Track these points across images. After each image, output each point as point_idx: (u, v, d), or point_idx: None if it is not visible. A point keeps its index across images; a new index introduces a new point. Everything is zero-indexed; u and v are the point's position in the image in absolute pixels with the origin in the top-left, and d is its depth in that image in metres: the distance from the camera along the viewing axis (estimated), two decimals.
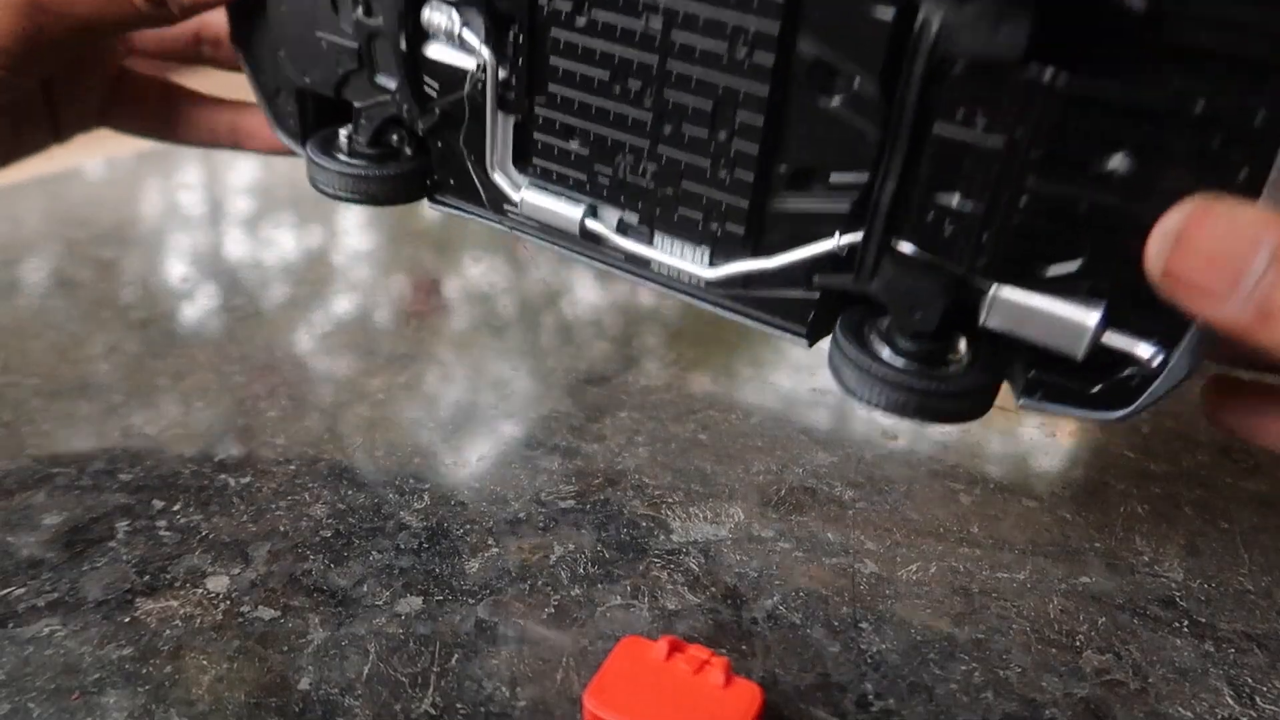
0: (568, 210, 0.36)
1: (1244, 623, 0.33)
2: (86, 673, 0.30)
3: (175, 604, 0.33)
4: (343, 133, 0.41)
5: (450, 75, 0.37)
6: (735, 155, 0.32)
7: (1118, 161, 0.26)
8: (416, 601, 0.33)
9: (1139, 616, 0.33)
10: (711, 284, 0.34)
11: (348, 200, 0.41)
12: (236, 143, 0.48)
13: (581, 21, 0.33)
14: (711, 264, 0.34)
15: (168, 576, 0.34)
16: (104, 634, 0.32)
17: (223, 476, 0.41)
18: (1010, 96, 0.26)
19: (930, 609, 0.33)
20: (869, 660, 0.31)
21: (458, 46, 0.36)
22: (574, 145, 0.35)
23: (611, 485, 0.40)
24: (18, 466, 0.41)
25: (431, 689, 0.30)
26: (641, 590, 0.34)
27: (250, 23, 0.42)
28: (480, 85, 0.36)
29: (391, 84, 0.38)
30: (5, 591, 0.33)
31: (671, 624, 0.32)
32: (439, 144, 0.39)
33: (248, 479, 0.40)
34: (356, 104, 0.40)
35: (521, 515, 0.38)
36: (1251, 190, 0.25)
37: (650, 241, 0.36)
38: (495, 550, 0.36)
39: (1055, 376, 0.31)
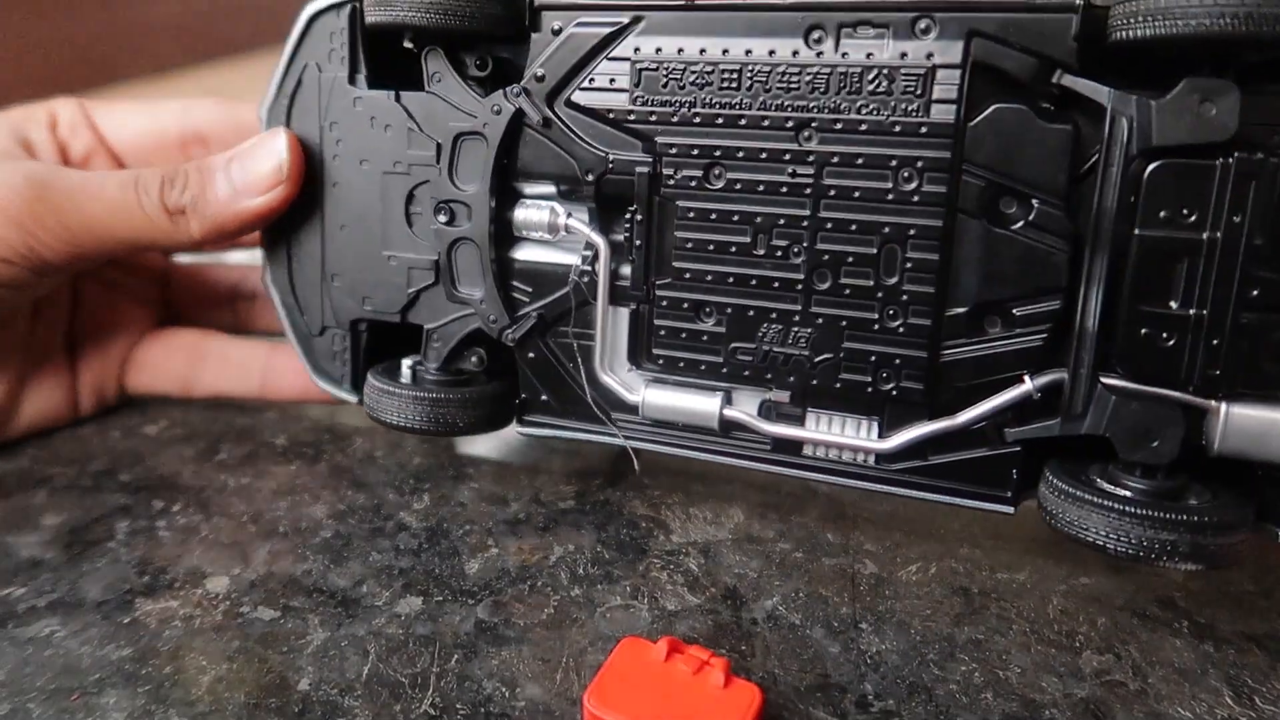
0: (700, 403, 0.33)
1: (1244, 623, 0.33)
2: (86, 673, 0.30)
3: (175, 604, 0.33)
4: (406, 363, 0.38)
5: (545, 276, 0.35)
6: (908, 299, 0.29)
7: None
8: (416, 602, 0.33)
9: (1139, 616, 0.33)
10: (884, 457, 0.31)
11: (421, 432, 0.37)
12: (264, 391, 0.45)
13: (716, 185, 0.31)
14: (883, 435, 0.31)
15: (168, 577, 0.34)
16: (104, 634, 0.32)
17: (222, 477, 0.41)
18: (1223, 182, 0.25)
19: (930, 609, 0.33)
20: (869, 660, 0.31)
21: (556, 241, 0.34)
22: (707, 324, 0.32)
23: (611, 485, 0.40)
24: (17, 467, 0.41)
25: (431, 689, 0.30)
26: (641, 591, 0.34)
27: (291, 254, 0.39)
28: (586, 279, 0.34)
29: (476, 293, 0.36)
30: (5, 591, 0.33)
31: (671, 625, 0.32)
32: (530, 356, 0.36)
33: (248, 479, 0.40)
34: (428, 326, 0.37)
35: (521, 516, 0.38)
36: None
37: (803, 422, 0.32)
38: (495, 551, 0.36)
39: None
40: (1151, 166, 0.25)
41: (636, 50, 0.31)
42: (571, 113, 0.33)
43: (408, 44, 0.35)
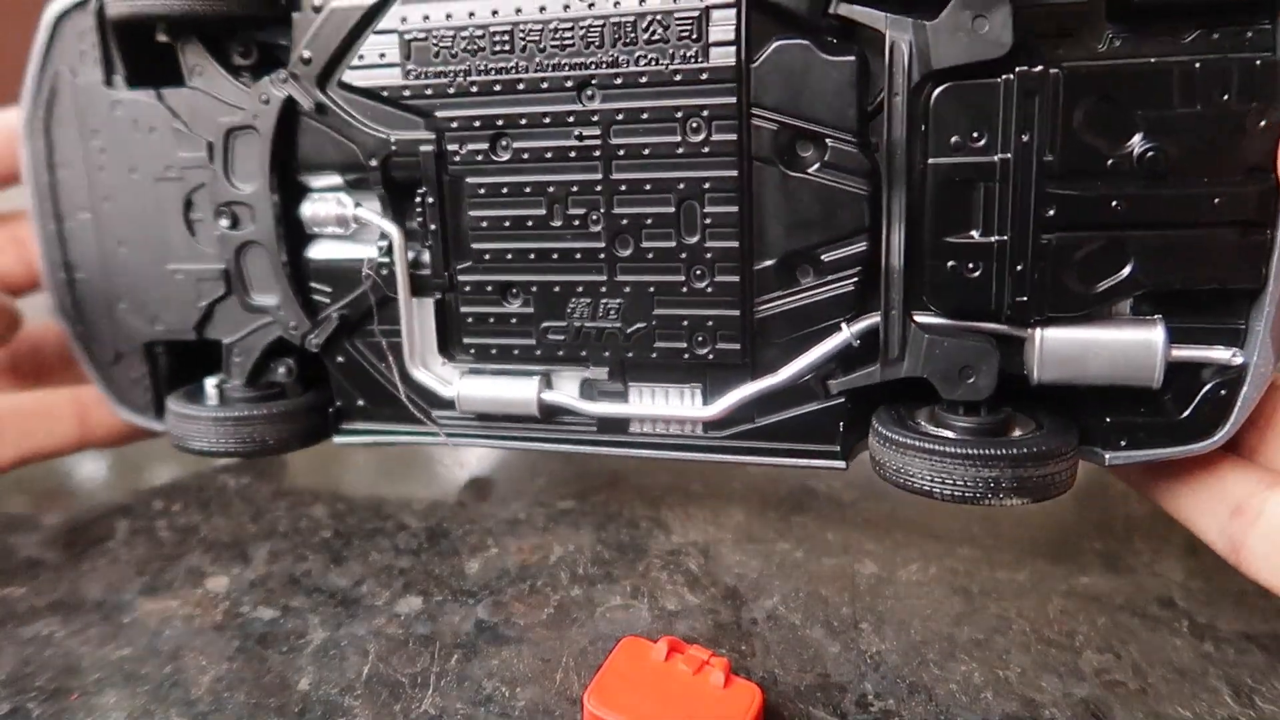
0: (518, 390, 0.31)
1: (1244, 623, 0.33)
2: (86, 673, 0.30)
3: (175, 604, 0.33)
4: (210, 382, 0.35)
5: (344, 274, 0.33)
6: (712, 257, 0.28)
7: (1136, 143, 0.24)
8: (416, 602, 0.33)
9: (1139, 616, 0.33)
10: (711, 425, 0.30)
11: (231, 455, 0.34)
12: (86, 437, 0.38)
13: (504, 157, 0.29)
14: (707, 402, 0.30)
15: (168, 576, 0.34)
16: (104, 634, 0.32)
17: (223, 477, 0.41)
18: (1007, 100, 0.24)
19: (930, 609, 0.33)
20: (869, 660, 0.31)
21: (351, 235, 0.32)
22: (514, 306, 0.31)
23: (611, 485, 0.40)
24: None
25: (431, 689, 0.30)
26: (641, 591, 0.34)
27: (72, 280, 0.36)
28: (384, 271, 0.32)
29: (272, 300, 0.33)
30: (5, 591, 0.33)
31: (671, 624, 0.32)
32: (339, 360, 0.34)
33: (247, 479, 0.40)
34: (227, 340, 0.35)
35: (521, 515, 0.38)
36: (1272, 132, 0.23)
37: (625, 398, 0.31)
38: (495, 550, 0.36)
39: (1137, 418, 0.28)
40: (936, 92, 0.25)
41: (403, 20, 0.29)
42: (345, 94, 0.30)
43: (162, 37, 0.33)
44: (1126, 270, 0.25)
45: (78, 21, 0.33)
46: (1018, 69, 0.24)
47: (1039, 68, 0.24)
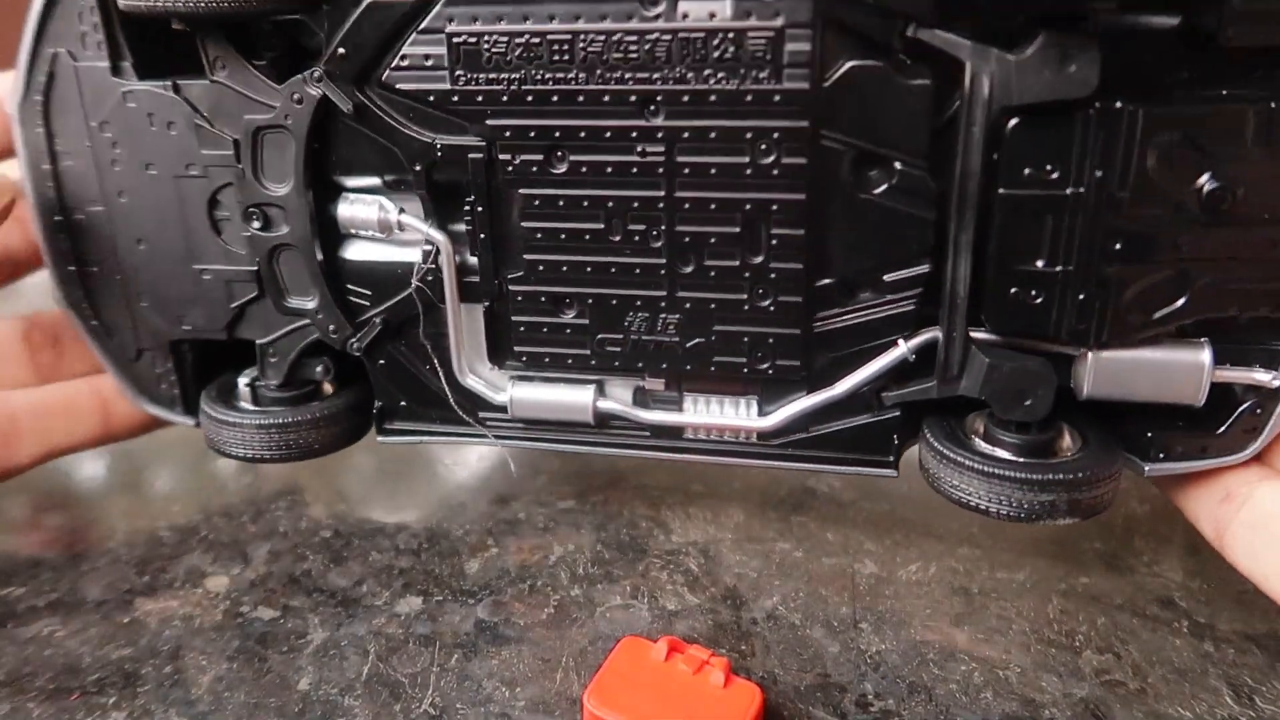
0: (573, 397, 0.31)
1: (1243, 623, 0.33)
2: (86, 673, 0.30)
3: (175, 604, 0.33)
4: (242, 382, 0.34)
5: (384, 276, 0.31)
6: (776, 278, 0.27)
7: (1205, 181, 0.24)
8: (416, 602, 0.33)
9: (1139, 616, 0.33)
10: (766, 435, 0.30)
11: (271, 461, 0.33)
12: (109, 429, 0.37)
13: (560, 169, 0.27)
14: (763, 412, 0.30)
15: (168, 576, 0.34)
16: (104, 634, 0.32)
17: (222, 476, 0.41)
18: (1084, 137, 0.24)
19: (930, 609, 0.33)
20: (869, 660, 0.31)
21: (391, 239, 0.30)
22: (569, 317, 0.30)
23: (611, 485, 0.40)
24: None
25: (431, 689, 0.30)
26: (641, 590, 0.34)
27: (85, 275, 0.33)
28: (431, 278, 0.30)
29: (309, 303, 0.32)
30: (5, 591, 0.33)
31: (671, 624, 0.32)
32: (381, 363, 0.33)
33: (248, 479, 0.40)
34: (261, 341, 0.33)
35: (521, 515, 0.38)
36: None
37: (680, 407, 0.31)
38: (495, 550, 0.36)
39: (1175, 433, 0.28)
40: (1012, 123, 0.24)
41: (451, 21, 0.26)
42: (386, 95, 0.28)
43: (178, 25, 0.30)
44: (1183, 300, 0.26)
45: (70, 8, 0.30)
46: (1096, 105, 0.24)
47: (1118, 105, 0.24)
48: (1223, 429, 0.28)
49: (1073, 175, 0.24)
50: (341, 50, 0.28)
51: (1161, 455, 0.29)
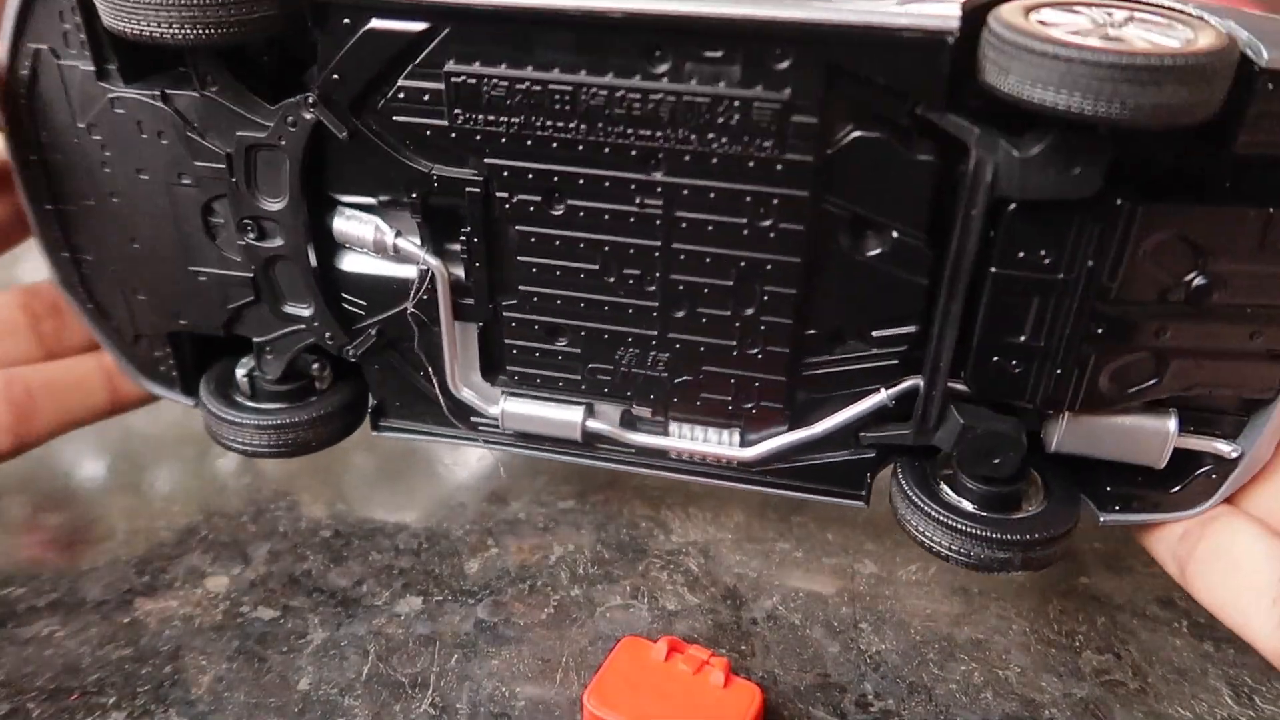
0: (563, 415, 0.31)
1: None
2: (86, 673, 0.30)
3: (175, 604, 0.33)
4: (240, 373, 0.34)
5: (380, 288, 0.31)
6: (766, 330, 0.28)
7: (1194, 277, 0.25)
8: (416, 602, 0.33)
9: (1139, 616, 0.33)
10: (747, 464, 0.31)
11: (270, 456, 0.33)
12: (116, 400, 0.37)
13: (557, 210, 0.27)
14: (745, 443, 0.31)
15: (168, 576, 0.34)
16: (104, 634, 0.32)
17: (223, 476, 0.41)
18: (1080, 229, 0.24)
19: (930, 609, 0.33)
20: (869, 660, 0.31)
21: (390, 256, 0.30)
22: (561, 345, 0.30)
23: (611, 485, 0.40)
24: (18, 467, 0.41)
25: (431, 689, 0.30)
26: (641, 590, 0.34)
27: (79, 261, 0.33)
28: (426, 297, 0.30)
29: (304, 311, 0.32)
30: (5, 591, 0.33)
31: (671, 624, 0.32)
32: (376, 367, 0.33)
33: (248, 479, 0.40)
34: (258, 339, 0.33)
35: (521, 515, 0.38)
36: None
37: (666, 431, 0.31)
38: (495, 550, 0.36)
39: (1133, 488, 0.29)
40: (1011, 208, 0.24)
41: (450, 60, 0.26)
42: (382, 122, 0.28)
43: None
44: (1157, 380, 0.27)
45: (51, 6, 0.29)
46: (1097, 202, 0.24)
47: (1118, 202, 0.24)
48: (1179, 488, 0.29)
49: (1065, 262, 0.25)
50: (336, 75, 0.27)
51: (1117, 508, 0.30)
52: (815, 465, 0.31)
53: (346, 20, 0.26)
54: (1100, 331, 0.26)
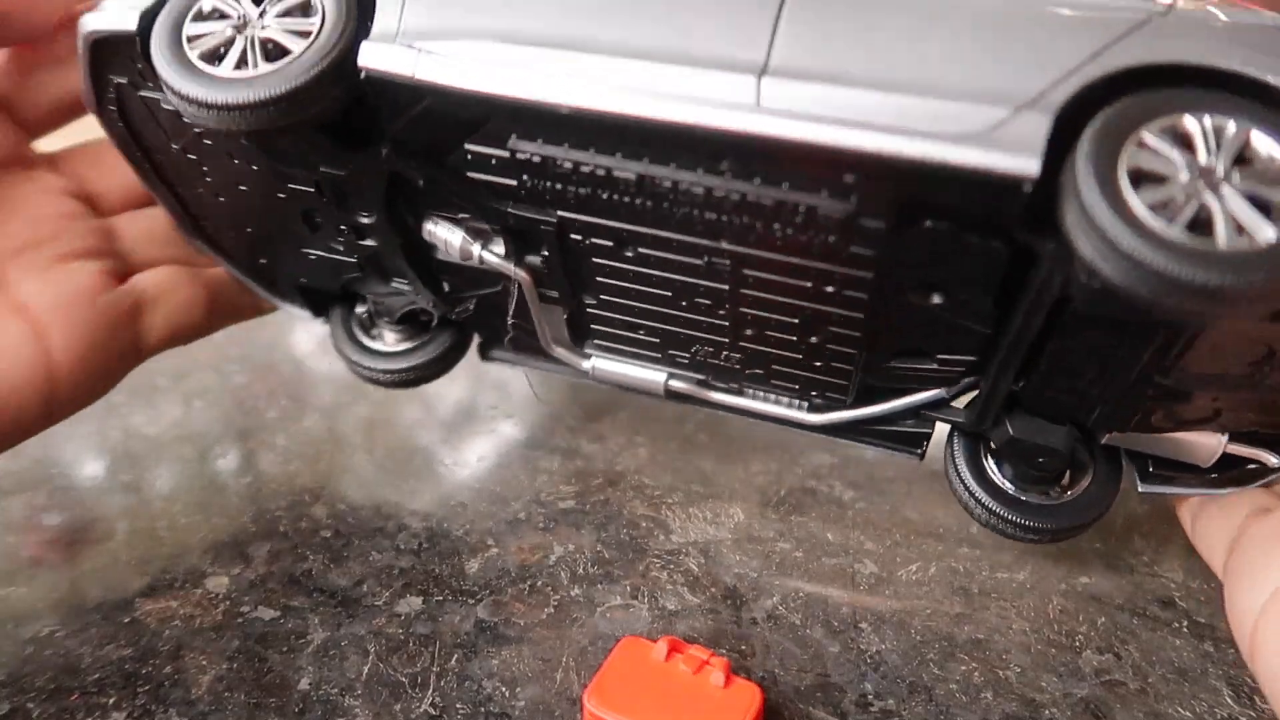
0: (647, 374, 0.34)
1: None
2: (86, 673, 0.30)
3: (175, 604, 0.33)
4: (360, 310, 0.38)
5: (473, 273, 0.32)
6: (830, 356, 0.29)
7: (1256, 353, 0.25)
8: (416, 601, 0.33)
9: (1139, 616, 0.33)
10: (814, 427, 0.33)
11: (402, 387, 0.38)
12: (214, 321, 0.38)
13: (628, 254, 0.28)
14: (812, 412, 0.33)
15: (168, 576, 0.34)
16: (104, 634, 0.32)
17: (224, 476, 0.41)
18: (1143, 328, 0.24)
19: (930, 609, 0.33)
20: (869, 660, 0.31)
21: (478, 263, 0.31)
22: (640, 335, 0.32)
23: (611, 485, 0.40)
24: (18, 467, 0.41)
25: (431, 689, 0.30)
26: (641, 590, 0.34)
27: (202, 224, 0.35)
28: (517, 288, 0.31)
29: (406, 286, 0.34)
30: (8, 591, 0.33)
31: (671, 624, 0.32)
32: (478, 317, 0.35)
33: (248, 479, 0.40)
34: (371, 295, 0.36)
35: (521, 515, 0.38)
36: None
37: (741, 393, 0.34)
38: (495, 550, 0.36)
39: (1177, 471, 0.31)
40: (1075, 305, 0.24)
41: (514, 138, 0.26)
42: (455, 175, 0.28)
43: None
44: (1209, 420, 0.28)
45: (121, 47, 0.28)
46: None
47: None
48: (1216, 475, 0.30)
49: (1125, 346, 0.25)
50: (403, 139, 0.28)
51: (1159, 482, 0.31)
52: (879, 430, 0.33)
53: (406, 98, 0.26)
54: (1156, 394, 0.27)
